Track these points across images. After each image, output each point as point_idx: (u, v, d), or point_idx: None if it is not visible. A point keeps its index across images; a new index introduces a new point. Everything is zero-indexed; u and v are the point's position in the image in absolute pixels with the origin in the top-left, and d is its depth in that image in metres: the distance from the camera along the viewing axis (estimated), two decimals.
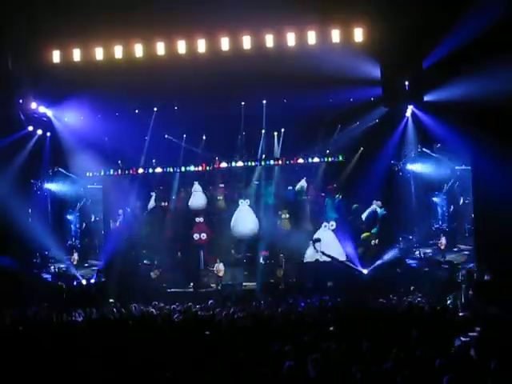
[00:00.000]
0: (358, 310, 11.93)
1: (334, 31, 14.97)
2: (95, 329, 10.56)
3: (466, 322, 10.29)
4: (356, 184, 18.53)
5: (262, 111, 18.57)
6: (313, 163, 19.26)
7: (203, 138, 19.77)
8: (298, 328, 9.71)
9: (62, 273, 18.54)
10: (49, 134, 18.41)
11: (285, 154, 19.48)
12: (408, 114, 17.01)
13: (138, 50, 15.41)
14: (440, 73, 14.49)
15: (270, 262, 18.94)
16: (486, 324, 9.63)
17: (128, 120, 18.13)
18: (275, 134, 19.80)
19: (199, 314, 12.31)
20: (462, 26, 12.96)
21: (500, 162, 13.45)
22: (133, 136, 18.74)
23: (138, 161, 19.50)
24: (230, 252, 19.61)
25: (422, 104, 15.78)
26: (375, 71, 15.08)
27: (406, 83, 15.32)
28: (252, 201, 20.11)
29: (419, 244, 18.15)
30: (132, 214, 20.14)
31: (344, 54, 14.41)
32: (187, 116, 18.23)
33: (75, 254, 19.53)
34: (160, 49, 15.37)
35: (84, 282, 18.09)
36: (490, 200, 14.23)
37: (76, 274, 18.43)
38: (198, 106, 17.48)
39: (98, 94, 16.41)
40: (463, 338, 8.63)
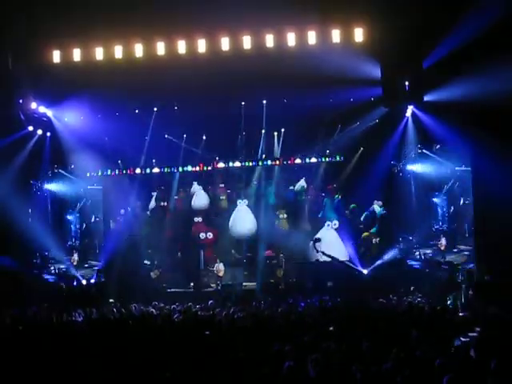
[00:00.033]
0: (358, 310, 11.92)
1: (334, 31, 14.99)
2: (95, 329, 10.56)
3: (466, 322, 10.28)
4: (356, 184, 18.51)
5: (262, 111, 18.57)
6: (313, 163, 19.24)
7: (203, 138, 19.78)
8: (298, 328, 9.71)
9: (62, 273, 18.56)
10: (49, 134, 18.42)
11: (285, 154, 19.48)
12: (408, 114, 17.01)
13: (138, 50, 15.42)
14: (440, 73, 14.49)
15: (270, 262, 18.93)
16: (486, 324, 9.63)
17: (128, 120, 18.13)
18: (275, 134, 19.81)
19: (199, 314, 12.30)
20: (462, 26, 12.95)
21: (500, 162, 13.42)
22: (133, 136, 18.74)
23: (138, 161, 19.50)
24: (230, 252, 19.61)
25: (422, 104, 15.77)
26: (375, 71, 15.09)
27: (406, 83, 15.33)
28: (252, 201, 20.09)
29: (419, 245, 18.15)
30: (132, 213, 20.13)
31: (344, 54, 14.42)
32: (187, 116, 18.23)
33: (75, 255, 19.55)
34: (160, 49, 15.38)
35: (84, 282, 18.09)
36: (490, 200, 14.20)
37: (76, 274, 18.43)
38: (198, 106, 17.47)
39: (98, 94, 16.42)
40: (463, 338, 8.64)
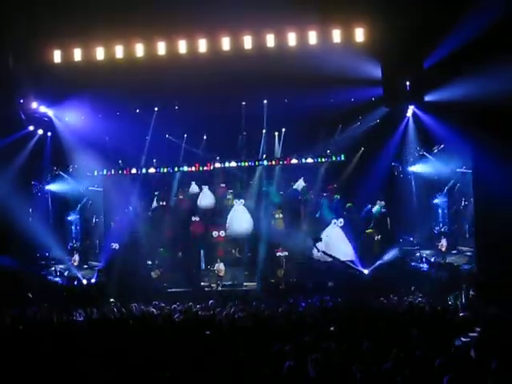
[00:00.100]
0: (359, 310, 11.91)
1: (334, 31, 15.01)
2: (96, 328, 10.56)
3: (467, 322, 10.26)
4: (357, 184, 18.49)
5: (262, 111, 18.56)
6: (313, 163, 19.23)
7: (204, 137, 19.78)
8: (298, 328, 9.69)
9: (62, 273, 18.55)
10: (49, 134, 18.45)
11: (286, 154, 19.46)
12: (409, 114, 17.01)
13: (139, 50, 15.44)
14: (441, 73, 14.48)
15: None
16: (486, 324, 9.62)
17: (129, 120, 18.13)
18: (276, 133, 19.80)
19: (200, 313, 12.29)
20: (463, 25, 12.94)
21: (501, 162, 13.40)
22: (134, 136, 18.73)
23: (139, 161, 19.50)
24: (230, 252, 19.60)
25: (423, 104, 15.77)
26: (376, 71, 15.08)
27: (407, 83, 15.33)
28: (253, 200, 20.07)
29: (420, 246, 18.13)
30: (134, 213, 20.12)
31: (345, 54, 14.41)
32: (188, 116, 18.23)
33: (76, 256, 19.53)
34: (161, 49, 15.39)
35: (85, 282, 18.09)
36: (490, 200, 14.20)
37: (77, 274, 18.42)
38: (199, 106, 17.47)
39: (99, 94, 16.43)
40: (463, 339, 8.63)
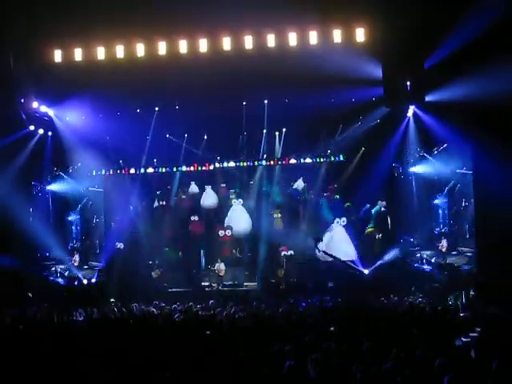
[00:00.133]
0: (359, 310, 11.91)
1: (335, 31, 15.00)
2: (96, 328, 10.55)
3: (467, 322, 10.26)
4: (357, 184, 18.48)
5: (263, 111, 18.55)
6: (313, 163, 19.23)
7: (204, 137, 19.78)
8: (298, 328, 9.69)
9: (63, 273, 18.55)
10: (50, 134, 18.45)
11: (286, 154, 19.45)
12: (409, 114, 16.98)
13: (140, 50, 15.45)
14: (441, 73, 14.47)
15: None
16: (487, 324, 9.62)
17: (129, 119, 18.14)
18: (277, 133, 19.80)
19: (200, 313, 12.28)
20: (463, 25, 12.95)
21: (501, 163, 13.41)
22: (134, 136, 18.73)
23: (140, 160, 19.50)
24: (231, 252, 19.60)
25: (424, 104, 15.74)
26: (377, 71, 15.07)
27: (408, 83, 15.29)
28: (254, 200, 20.05)
29: (420, 246, 18.12)
30: (135, 213, 20.11)
31: (345, 54, 14.41)
32: (189, 116, 18.24)
33: (76, 256, 19.51)
34: (161, 48, 15.39)
35: (85, 282, 18.08)
36: (491, 201, 14.20)
37: (77, 274, 18.41)
38: (200, 106, 17.44)
39: (100, 94, 16.44)
40: (464, 339, 8.62)
